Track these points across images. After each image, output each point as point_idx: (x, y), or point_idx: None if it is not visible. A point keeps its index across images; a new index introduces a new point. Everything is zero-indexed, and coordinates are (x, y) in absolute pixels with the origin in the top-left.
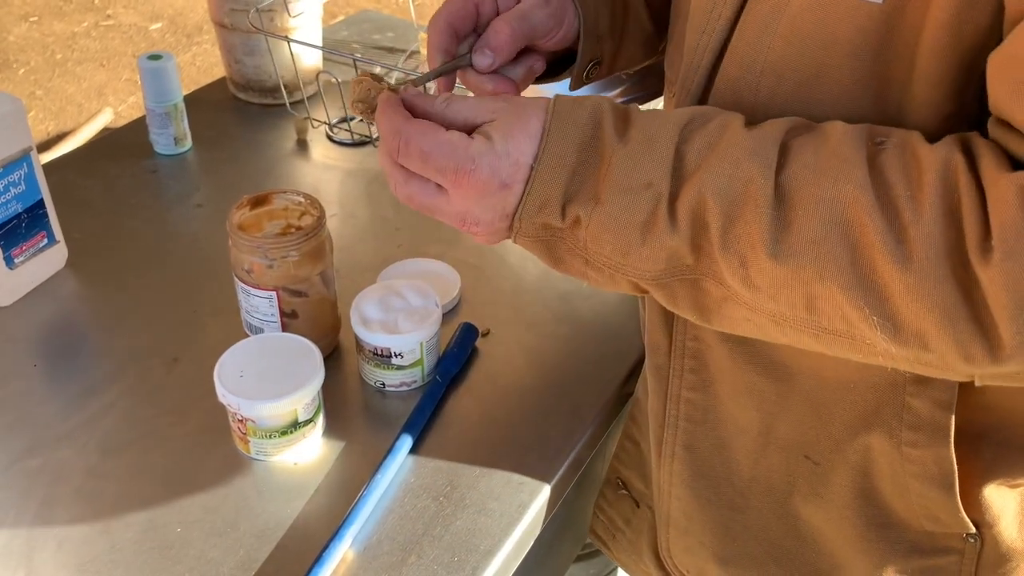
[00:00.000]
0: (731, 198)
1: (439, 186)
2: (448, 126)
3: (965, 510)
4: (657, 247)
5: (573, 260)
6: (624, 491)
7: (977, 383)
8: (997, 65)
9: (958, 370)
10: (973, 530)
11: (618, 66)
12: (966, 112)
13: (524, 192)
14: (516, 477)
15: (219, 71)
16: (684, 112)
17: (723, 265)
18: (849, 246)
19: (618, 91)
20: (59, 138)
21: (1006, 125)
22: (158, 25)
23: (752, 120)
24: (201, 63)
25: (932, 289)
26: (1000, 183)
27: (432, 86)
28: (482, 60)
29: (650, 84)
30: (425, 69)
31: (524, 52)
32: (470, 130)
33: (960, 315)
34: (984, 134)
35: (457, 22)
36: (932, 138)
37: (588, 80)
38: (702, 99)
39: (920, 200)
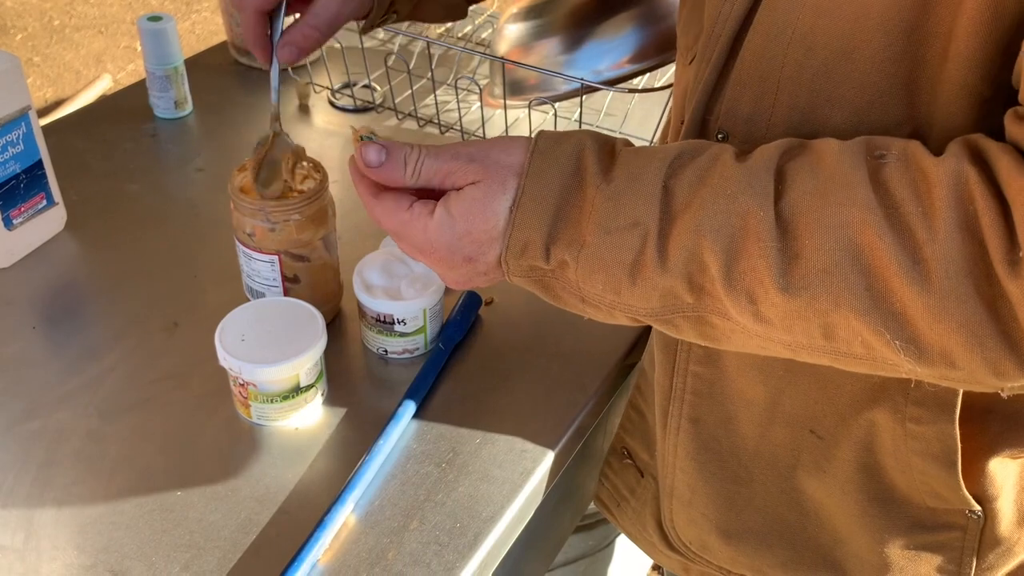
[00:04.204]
0: (730, 234)
1: None
2: (419, 194)
3: (968, 483)
4: (648, 287)
5: (569, 297)
6: (629, 460)
7: (1005, 394)
8: None
9: (987, 384)
10: (976, 507)
11: (415, 18)
12: (1002, 97)
13: (507, 236)
14: (519, 444)
15: (218, 39)
16: (673, 147)
17: (729, 303)
18: (863, 272)
19: (624, 59)
20: (57, 105)
21: None
22: None
23: (772, 93)
24: (200, 31)
25: (955, 309)
26: None
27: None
28: (287, 56)
29: (650, 53)
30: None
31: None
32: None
33: (987, 332)
34: None
35: (266, 5)
36: (966, 125)
37: (378, 26)
38: (724, 70)
39: (933, 216)
